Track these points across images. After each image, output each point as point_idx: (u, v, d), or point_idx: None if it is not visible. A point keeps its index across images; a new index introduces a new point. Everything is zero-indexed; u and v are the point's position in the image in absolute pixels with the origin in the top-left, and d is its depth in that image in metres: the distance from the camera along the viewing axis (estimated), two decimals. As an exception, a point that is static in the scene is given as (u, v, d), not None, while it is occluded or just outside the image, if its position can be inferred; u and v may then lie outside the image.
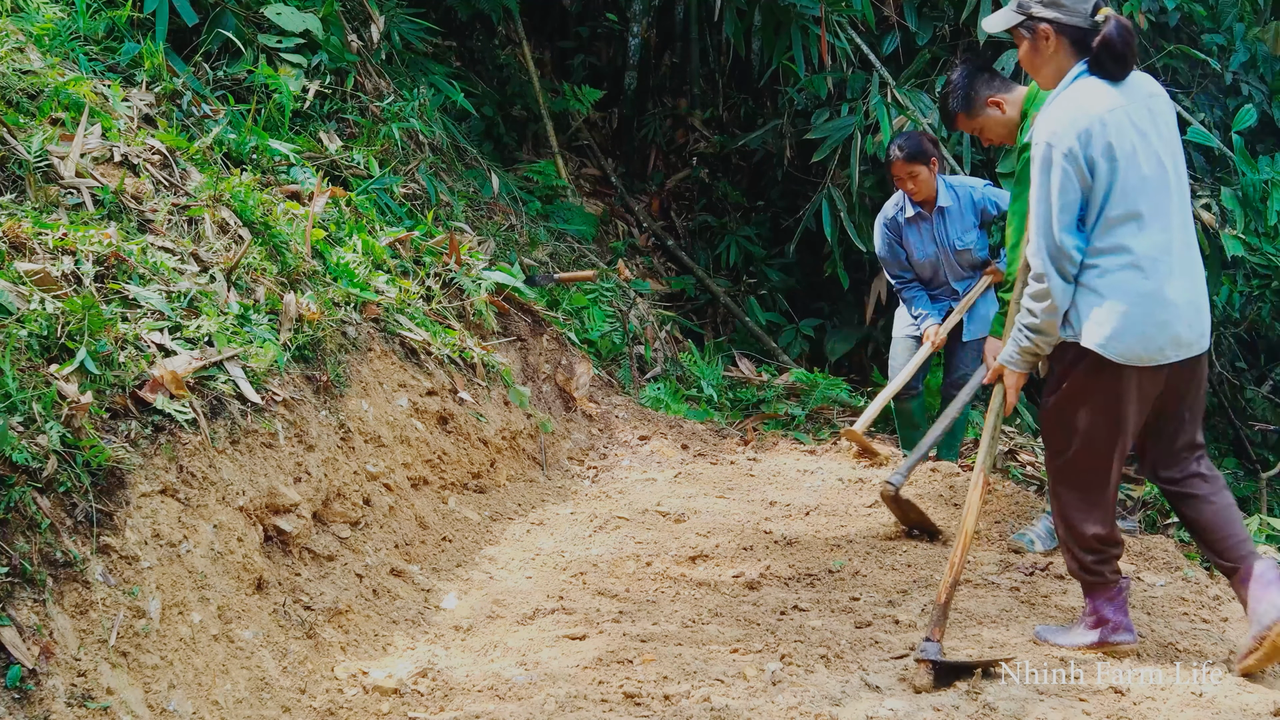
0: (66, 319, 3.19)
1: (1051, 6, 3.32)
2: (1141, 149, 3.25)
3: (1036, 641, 3.61)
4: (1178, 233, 3.30)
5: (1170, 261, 3.26)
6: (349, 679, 3.29)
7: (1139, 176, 3.24)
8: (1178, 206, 3.30)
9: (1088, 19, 3.29)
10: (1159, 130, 3.29)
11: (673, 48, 9.62)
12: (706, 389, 7.02)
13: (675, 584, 4.10)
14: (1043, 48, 3.36)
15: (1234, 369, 8.85)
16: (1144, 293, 3.23)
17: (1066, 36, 3.31)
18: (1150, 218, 3.25)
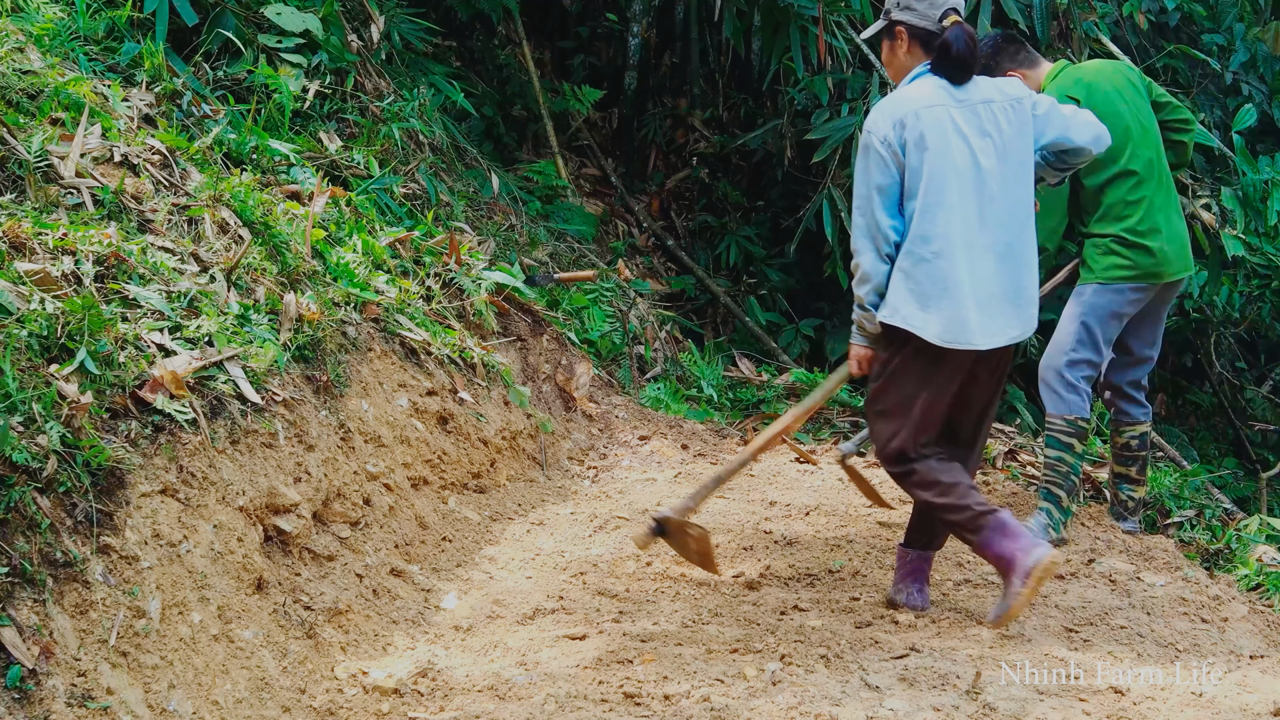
0: (66, 319, 3.19)
1: (905, 10, 3.65)
2: (956, 145, 3.53)
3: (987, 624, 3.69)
4: (993, 230, 3.56)
5: (971, 254, 3.52)
6: (349, 679, 3.29)
7: (951, 169, 3.51)
8: (998, 204, 3.57)
9: (935, 23, 3.60)
10: (988, 132, 3.57)
11: (673, 48, 9.61)
12: (706, 389, 7.02)
13: (675, 584, 4.10)
14: (897, 47, 3.70)
15: (1234, 369, 8.85)
16: (941, 279, 3.51)
17: (917, 39, 3.64)
18: (956, 209, 3.51)
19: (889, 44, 3.74)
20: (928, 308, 3.53)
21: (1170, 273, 4.63)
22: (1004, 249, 3.59)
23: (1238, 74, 8.16)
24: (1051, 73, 4.70)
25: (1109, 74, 4.69)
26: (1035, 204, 3.75)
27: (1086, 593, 4.04)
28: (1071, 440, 4.60)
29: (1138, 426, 4.82)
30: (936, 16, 3.61)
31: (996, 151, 3.59)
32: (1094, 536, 4.68)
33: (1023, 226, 3.64)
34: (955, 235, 3.54)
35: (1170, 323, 7.87)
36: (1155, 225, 4.58)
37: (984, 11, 7.30)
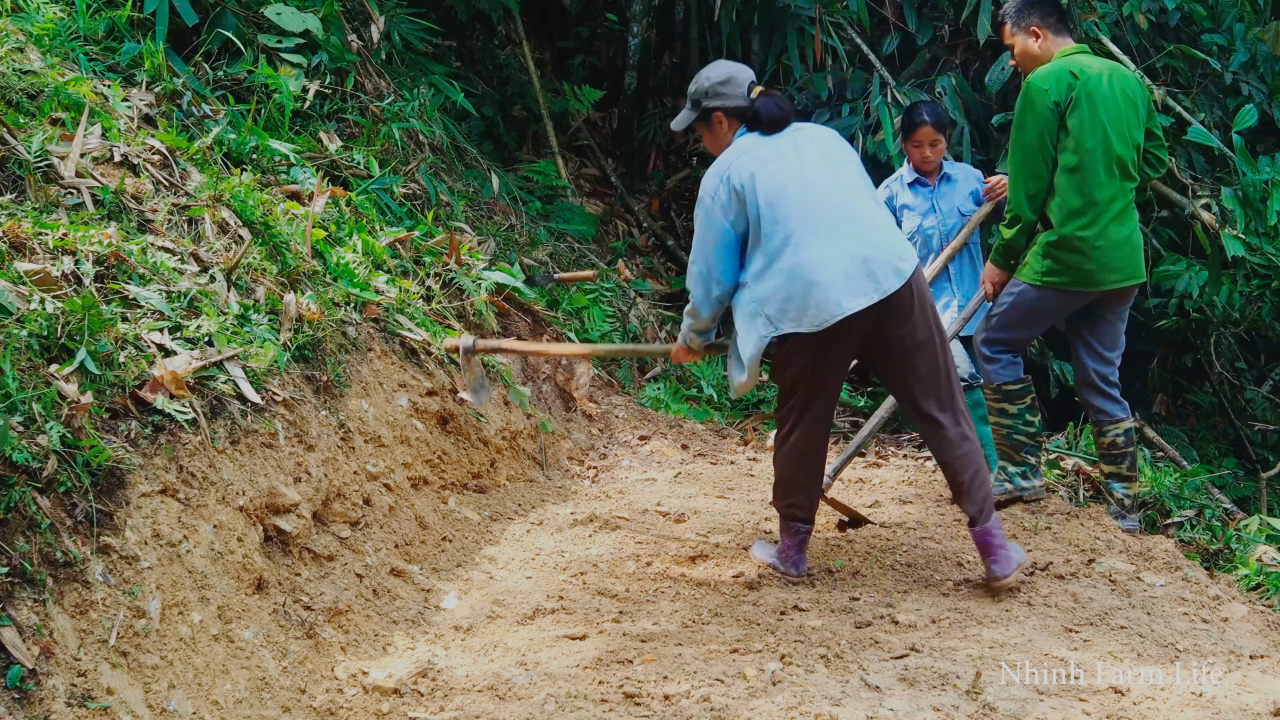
0: (66, 319, 3.19)
1: (716, 98, 4.07)
2: (777, 169, 3.91)
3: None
4: (824, 213, 3.87)
5: (812, 238, 3.85)
6: (349, 679, 3.29)
7: (777, 186, 3.89)
8: (827, 194, 3.91)
9: (745, 99, 4.05)
10: (800, 147, 3.97)
11: (673, 48, 9.61)
12: (706, 389, 7.03)
13: (675, 584, 4.11)
14: (717, 129, 4.11)
15: (1234, 369, 8.85)
16: (796, 277, 3.84)
17: (733, 116, 4.07)
18: (789, 216, 3.86)
19: (706, 128, 4.14)
20: (796, 307, 3.89)
21: (1108, 281, 4.64)
22: (828, 221, 3.91)
23: (1238, 74, 8.15)
24: (1062, 52, 4.71)
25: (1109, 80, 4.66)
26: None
27: (1086, 593, 4.04)
28: (1001, 405, 4.89)
29: (1120, 424, 4.83)
30: (744, 93, 4.05)
31: (812, 160, 3.97)
32: (1094, 536, 4.68)
33: (840, 199, 3.95)
34: (796, 231, 3.88)
35: (1170, 323, 7.88)
36: (1099, 234, 4.57)
37: (984, 12, 7.30)
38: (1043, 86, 4.57)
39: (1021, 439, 4.93)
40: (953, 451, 4.01)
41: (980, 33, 7.33)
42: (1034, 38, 4.74)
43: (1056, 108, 4.54)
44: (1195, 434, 8.71)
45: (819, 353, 3.92)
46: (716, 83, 4.07)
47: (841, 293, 3.82)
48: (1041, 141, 4.57)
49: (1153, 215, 7.75)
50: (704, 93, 4.08)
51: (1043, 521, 4.85)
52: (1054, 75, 4.58)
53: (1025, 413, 4.90)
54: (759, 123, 4.01)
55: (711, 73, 4.11)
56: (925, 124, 5.40)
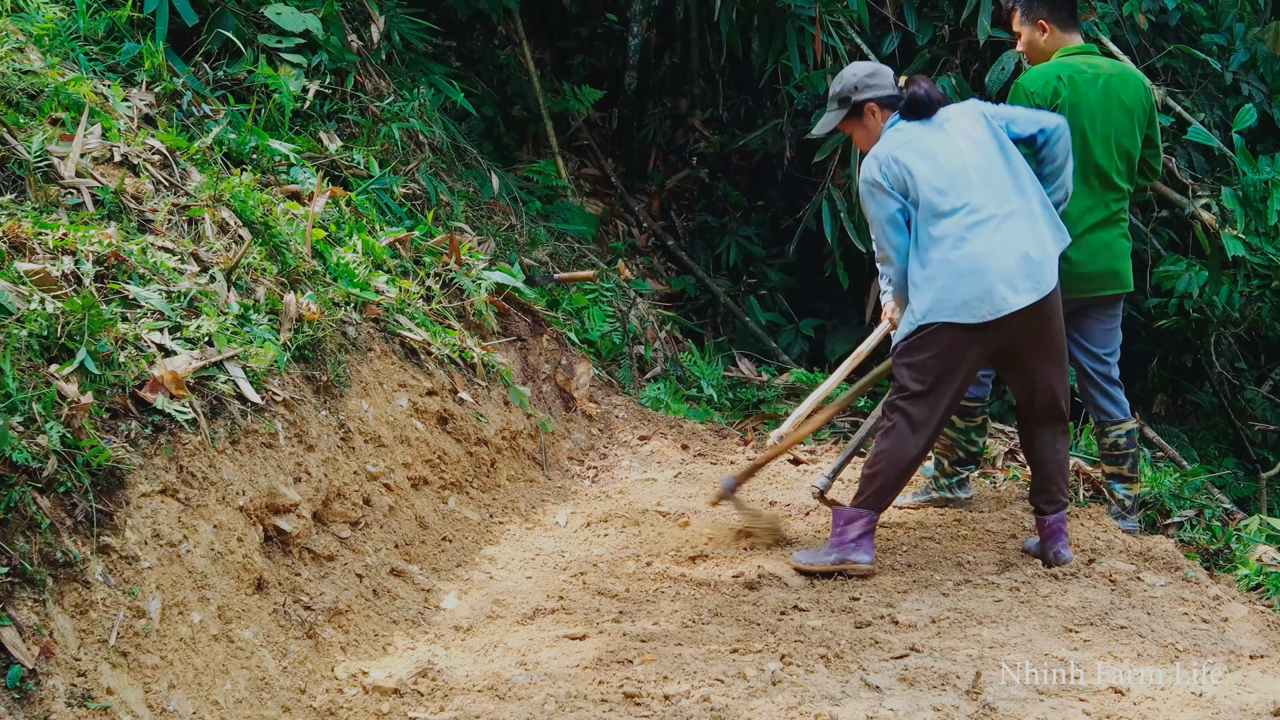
0: (66, 319, 3.19)
1: (867, 89, 4.17)
2: (940, 153, 4.03)
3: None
4: (988, 201, 3.99)
5: (978, 229, 3.96)
6: (349, 679, 3.29)
7: (940, 176, 4.00)
8: (995, 183, 4.02)
9: (895, 88, 4.17)
10: (958, 140, 4.07)
11: (673, 48, 9.61)
12: (706, 389, 7.02)
13: (675, 584, 4.10)
14: (869, 121, 4.21)
15: (1234, 369, 8.84)
16: (961, 267, 3.95)
17: (886, 106, 4.17)
18: (957, 205, 3.98)
19: (858, 123, 4.23)
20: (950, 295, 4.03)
21: (1086, 290, 4.62)
22: (1010, 213, 4.03)
23: (1238, 74, 8.15)
24: (1063, 50, 4.68)
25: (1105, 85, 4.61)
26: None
27: (1086, 593, 4.04)
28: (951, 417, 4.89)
29: (1121, 425, 4.83)
30: (893, 83, 4.18)
31: (971, 145, 4.07)
32: (1094, 536, 4.68)
33: (1012, 198, 4.05)
34: (962, 226, 4.00)
35: (1170, 323, 7.87)
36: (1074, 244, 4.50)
37: (984, 12, 7.29)
38: (1029, 89, 4.57)
39: (961, 454, 4.97)
40: (1056, 454, 4.24)
41: (980, 33, 7.32)
42: (1041, 31, 4.72)
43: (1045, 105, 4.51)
44: (1195, 434, 8.71)
45: (970, 345, 4.02)
46: (864, 76, 4.19)
47: (1007, 288, 3.94)
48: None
49: (1153, 215, 7.75)
50: (853, 88, 4.17)
51: (1043, 521, 4.85)
52: (1042, 78, 4.57)
53: (972, 431, 4.92)
54: (912, 109, 4.11)
55: (857, 69, 4.24)
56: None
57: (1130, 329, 8.55)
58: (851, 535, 4.17)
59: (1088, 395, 4.85)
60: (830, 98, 4.29)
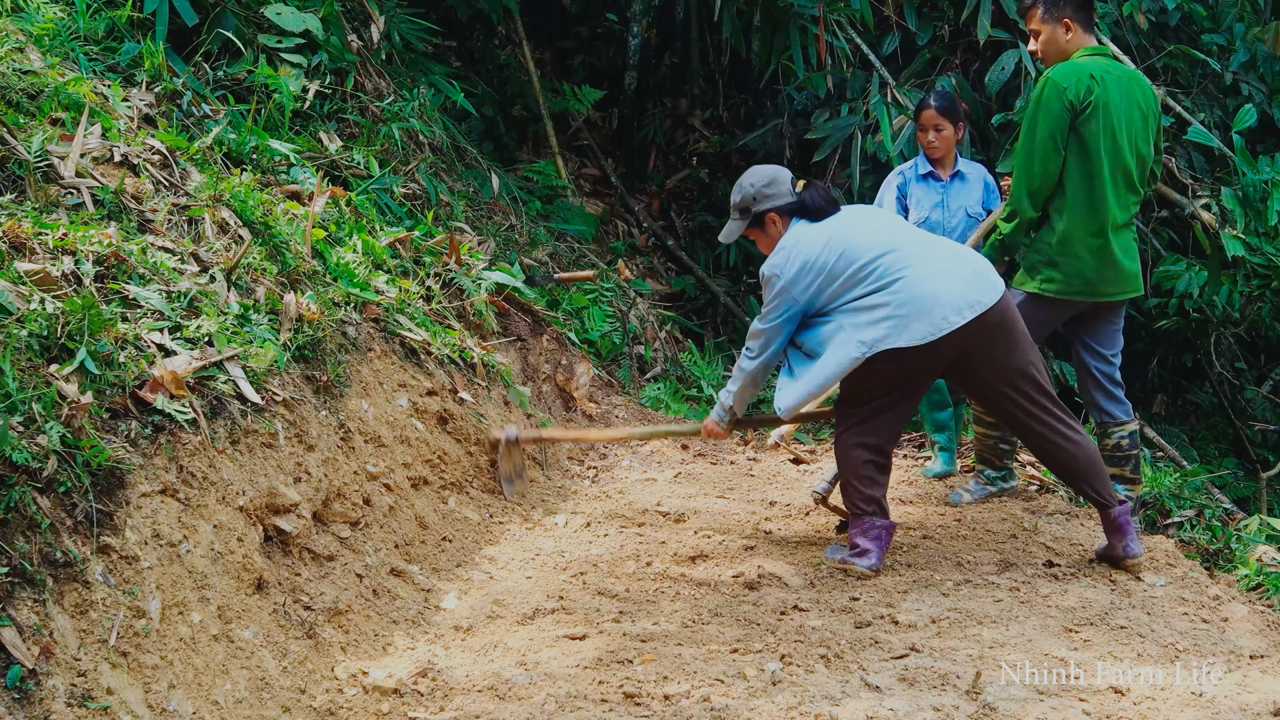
0: (66, 319, 3.19)
1: (765, 200, 4.26)
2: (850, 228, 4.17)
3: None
4: (914, 243, 4.13)
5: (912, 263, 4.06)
6: (349, 679, 3.29)
7: (858, 244, 4.11)
8: (909, 233, 4.23)
9: (793, 194, 4.27)
10: (859, 214, 4.28)
11: (673, 48, 9.61)
12: (706, 389, 7.03)
13: (675, 584, 4.10)
14: (770, 229, 4.28)
15: (1234, 369, 8.85)
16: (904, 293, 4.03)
17: (785, 213, 4.26)
18: (882, 253, 4.07)
19: (760, 231, 4.31)
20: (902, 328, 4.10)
21: (1107, 293, 4.66)
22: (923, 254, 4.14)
23: (1238, 74, 8.16)
24: (1083, 50, 4.64)
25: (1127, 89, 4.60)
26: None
27: (1086, 593, 4.04)
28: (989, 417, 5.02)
29: (1124, 426, 4.83)
30: (790, 189, 4.28)
31: (878, 217, 4.34)
32: (1094, 536, 4.68)
33: (935, 239, 4.26)
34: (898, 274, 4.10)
35: (1170, 323, 7.88)
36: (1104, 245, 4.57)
37: (984, 12, 7.30)
38: (1063, 84, 4.50)
39: (1005, 448, 5.11)
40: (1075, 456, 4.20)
41: (980, 32, 7.33)
42: (1065, 30, 4.66)
43: (1072, 108, 4.49)
44: (1195, 434, 8.71)
45: (912, 366, 4.07)
46: (761, 186, 4.28)
47: (947, 308, 4.00)
48: (1053, 140, 4.52)
49: (1153, 215, 7.76)
50: (752, 199, 4.28)
51: (1043, 521, 4.85)
52: (1075, 74, 4.51)
53: (1003, 429, 5.00)
54: (809, 212, 4.24)
55: (753, 179, 4.31)
56: (929, 107, 5.43)
57: (1130, 329, 8.54)
58: (856, 541, 4.26)
59: (1091, 397, 4.85)
60: (732, 205, 4.36)
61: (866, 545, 4.22)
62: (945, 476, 5.48)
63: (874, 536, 4.23)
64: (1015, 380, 4.15)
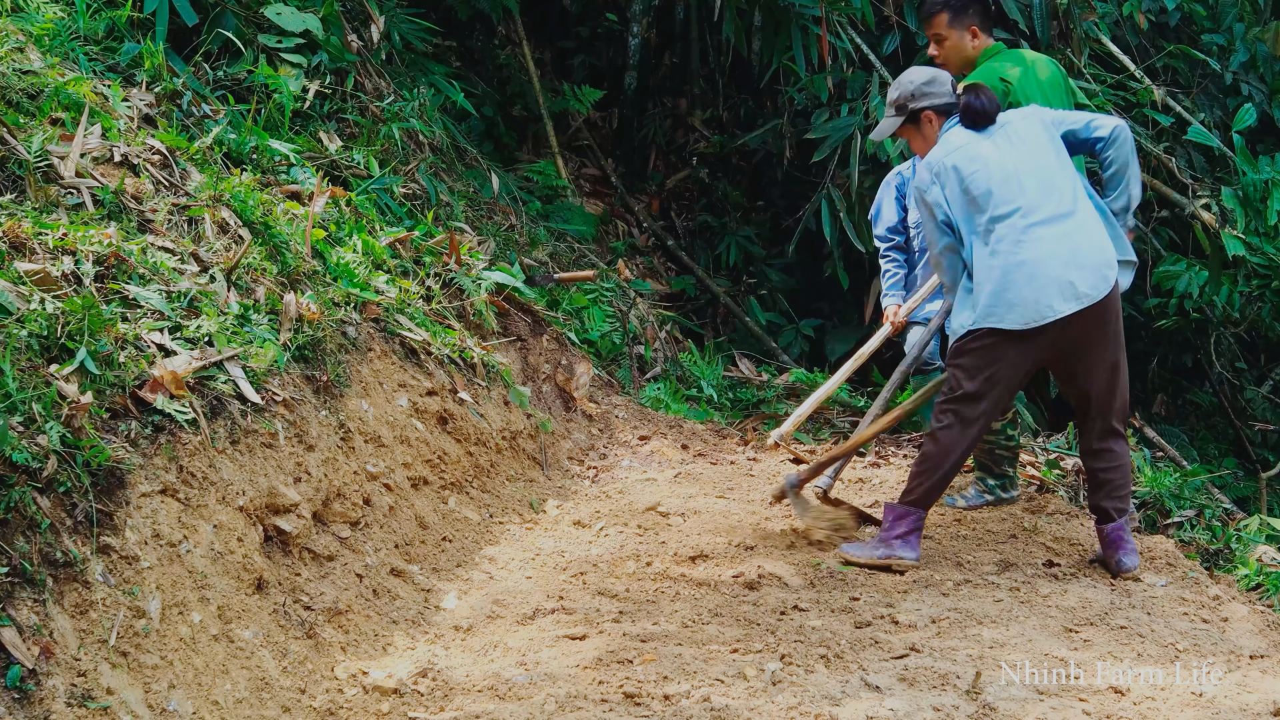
0: (66, 319, 3.19)
1: (924, 98, 4.22)
2: (994, 160, 4.08)
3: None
4: (1038, 211, 4.03)
5: (1026, 238, 4.01)
6: (349, 679, 3.29)
7: (993, 182, 4.05)
8: (1049, 189, 4.06)
9: (952, 95, 4.22)
10: (1014, 143, 4.12)
11: (673, 48, 9.61)
12: (706, 389, 7.02)
13: (675, 584, 4.10)
14: (925, 128, 4.24)
15: (1234, 369, 8.85)
16: (1009, 274, 4.01)
17: (942, 113, 4.22)
18: (1008, 212, 4.04)
19: (915, 130, 4.26)
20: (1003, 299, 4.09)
21: None
22: (1061, 222, 4.07)
23: (1238, 74, 8.16)
24: (986, 51, 4.74)
25: (1035, 80, 4.68)
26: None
27: (1086, 593, 4.04)
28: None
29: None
30: (950, 90, 4.22)
31: (1025, 155, 4.10)
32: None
33: (1073, 197, 4.10)
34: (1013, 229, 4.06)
35: (1170, 323, 7.88)
36: None
37: (984, 12, 7.28)
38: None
39: (1002, 453, 5.03)
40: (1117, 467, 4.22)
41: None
42: (971, 36, 4.75)
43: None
44: (1195, 434, 8.71)
45: (1019, 351, 4.06)
46: (922, 84, 4.23)
47: (1055, 295, 3.98)
48: None
49: (1153, 215, 7.76)
50: (910, 95, 4.23)
51: (1043, 521, 4.85)
52: (989, 75, 4.60)
53: (1006, 428, 4.98)
54: (968, 118, 4.17)
55: (914, 75, 4.28)
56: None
57: (1130, 329, 8.55)
58: (899, 531, 4.24)
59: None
60: (888, 104, 4.32)
61: (908, 534, 4.23)
62: None
63: (917, 526, 4.25)
64: (1104, 376, 4.14)
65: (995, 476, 5.06)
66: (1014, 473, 5.09)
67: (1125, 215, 4.22)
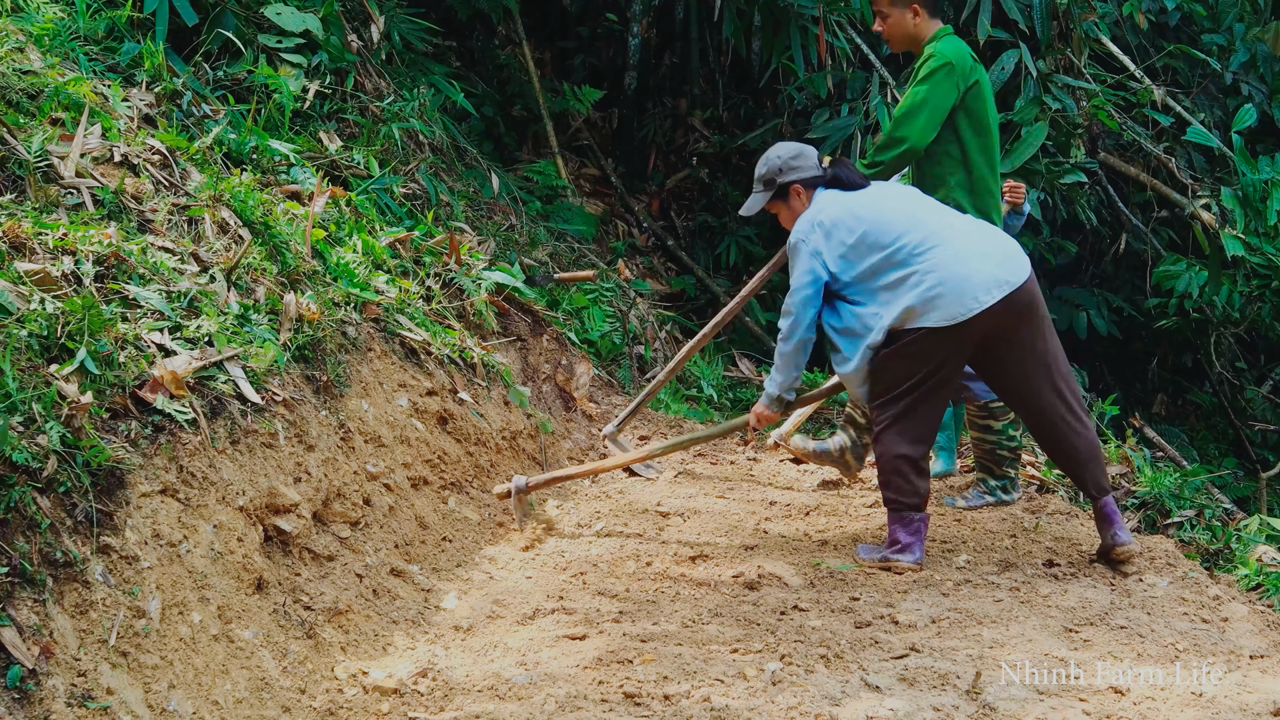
0: (66, 319, 3.19)
1: (791, 172, 4.34)
2: (878, 202, 4.22)
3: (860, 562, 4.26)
4: (943, 221, 4.17)
5: (941, 240, 4.09)
6: (349, 679, 3.29)
7: (885, 217, 4.16)
8: (937, 212, 4.23)
9: (818, 168, 4.35)
10: (885, 194, 4.29)
11: (673, 48, 9.61)
12: (706, 389, 7.02)
13: (675, 584, 4.10)
14: (794, 202, 4.36)
15: (1234, 369, 8.85)
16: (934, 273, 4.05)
17: (809, 186, 4.34)
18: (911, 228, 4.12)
19: (783, 204, 4.39)
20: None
21: None
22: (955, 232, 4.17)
23: (1238, 74, 8.16)
24: (939, 32, 4.79)
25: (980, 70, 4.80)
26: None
27: (1086, 593, 4.04)
28: (986, 421, 4.95)
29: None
30: (816, 163, 4.35)
31: (905, 192, 4.34)
32: (1094, 536, 4.68)
33: (964, 218, 4.28)
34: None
35: (1170, 323, 7.88)
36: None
37: (984, 11, 7.29)
38: (951, 59, 4.65)
39: (1004, 454, 5.03)
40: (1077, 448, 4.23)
41: (980, 32, 7.32)
42: (913, 15, 4.80)
43: (963, 81, 4.66)
44: (1195, 434, 8.71)
45: (942, 349, 4.09)
46: (789, 158, 4.37)
47: (977, 288, 4.04)
48: (948, 106, 4.65)
49: (1153, 215, 7.76)
50: (778, 169, 4.36)
51: (1043, 521, 4.85)
52: (960, 53, 4.67)
53: (1008, 428, 4.98)
54: (838, 184, 4.32)
55: (780, 150, 4.41)
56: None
57: (1130, 329, 8.56)
58: (897, 537, 4.27)
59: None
60: (756, 179, 4.41)
61: (908, 540, 4.24)
62: (945, 476, 5.48)
63: (914, 530, 4.25)
64: (1040, 364, 4.16)
65: (997, 478, 5.05)
66: (1015, 474, 5.09)
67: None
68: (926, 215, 4.18)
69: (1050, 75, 7.21)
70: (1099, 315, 8.16)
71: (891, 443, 4.20)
